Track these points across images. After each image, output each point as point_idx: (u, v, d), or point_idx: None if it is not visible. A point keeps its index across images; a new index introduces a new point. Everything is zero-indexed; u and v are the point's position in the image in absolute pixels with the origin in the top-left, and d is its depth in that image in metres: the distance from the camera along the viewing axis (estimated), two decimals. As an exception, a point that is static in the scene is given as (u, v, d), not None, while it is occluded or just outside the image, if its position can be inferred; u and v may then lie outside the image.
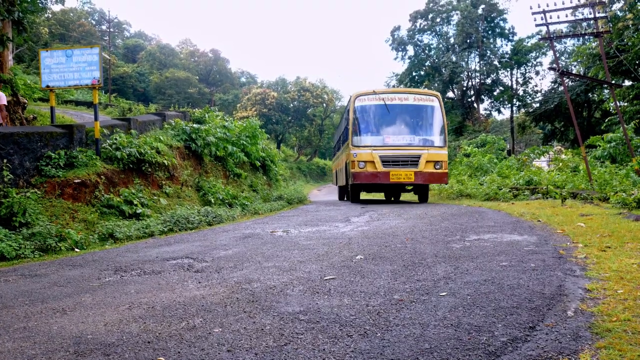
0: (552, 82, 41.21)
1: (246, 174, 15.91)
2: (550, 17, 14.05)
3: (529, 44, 45.72)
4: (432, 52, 51.00)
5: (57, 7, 54.99)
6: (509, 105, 48.09)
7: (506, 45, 49.02)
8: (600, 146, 19.37)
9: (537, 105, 39.96)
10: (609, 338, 2.48)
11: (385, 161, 13.63)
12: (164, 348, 2.65)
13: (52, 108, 10.54)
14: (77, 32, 59.22)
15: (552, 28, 15.22)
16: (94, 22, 71.13)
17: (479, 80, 49.63)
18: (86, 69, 9.67)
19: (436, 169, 13.62)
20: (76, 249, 6.87)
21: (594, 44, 24.99)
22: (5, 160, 7.60)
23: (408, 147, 13.75)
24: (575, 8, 15.43)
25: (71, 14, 61.85)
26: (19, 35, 11.83)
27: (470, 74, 49.44)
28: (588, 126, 33.16)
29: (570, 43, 41.31)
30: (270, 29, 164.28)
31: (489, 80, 49.23)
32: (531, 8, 13.93)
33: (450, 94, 51.76)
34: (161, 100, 60.37)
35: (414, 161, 13.57)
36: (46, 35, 46.84)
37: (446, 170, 13.90)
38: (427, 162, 13.57)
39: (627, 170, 13.79)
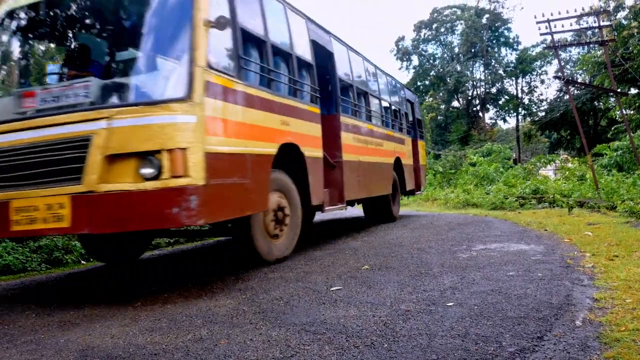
0: (557, 91, 41.29)
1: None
2: (555, 26, 14.06)
3: (534, 53, 45.79)
4: (437, 62, 51.15)
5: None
6: (515, 114, 48.11)
7: (511, 54, 49.19)
8: (606, 154, 19.30)
9: (543, 113, 39.97)
10: (617, 348, 2.46)
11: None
12: (171, 360, 2.65)
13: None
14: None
15: (556, 37, 15.24)
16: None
17: (484, 90, 49.72)
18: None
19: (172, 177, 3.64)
20: (82, 262, 6.90)
21: (599, 52, 24.98)
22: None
23: (58, 119, 3.72)
24: (580, 17, 15.46)
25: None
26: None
27: (475, 83, 49.55)
28: (594, 134, 33.07)
29: (575, 51, 41.36)
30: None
31: (494, 90, 49.34)
32: (535, 17, 13.96)
33: (455, 103, 51.82)
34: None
35: (70, 161, 3.65)
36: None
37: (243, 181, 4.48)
38: (109, 158, 3.59)
39: (634, 179, 13.70)
